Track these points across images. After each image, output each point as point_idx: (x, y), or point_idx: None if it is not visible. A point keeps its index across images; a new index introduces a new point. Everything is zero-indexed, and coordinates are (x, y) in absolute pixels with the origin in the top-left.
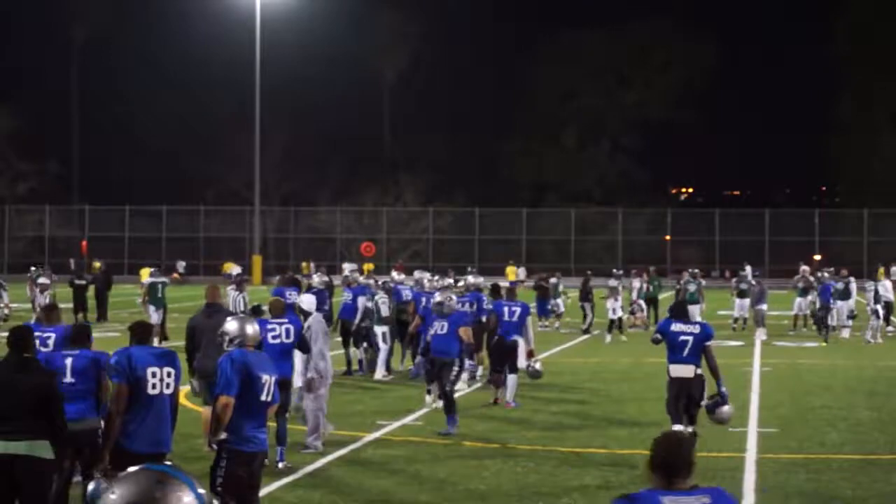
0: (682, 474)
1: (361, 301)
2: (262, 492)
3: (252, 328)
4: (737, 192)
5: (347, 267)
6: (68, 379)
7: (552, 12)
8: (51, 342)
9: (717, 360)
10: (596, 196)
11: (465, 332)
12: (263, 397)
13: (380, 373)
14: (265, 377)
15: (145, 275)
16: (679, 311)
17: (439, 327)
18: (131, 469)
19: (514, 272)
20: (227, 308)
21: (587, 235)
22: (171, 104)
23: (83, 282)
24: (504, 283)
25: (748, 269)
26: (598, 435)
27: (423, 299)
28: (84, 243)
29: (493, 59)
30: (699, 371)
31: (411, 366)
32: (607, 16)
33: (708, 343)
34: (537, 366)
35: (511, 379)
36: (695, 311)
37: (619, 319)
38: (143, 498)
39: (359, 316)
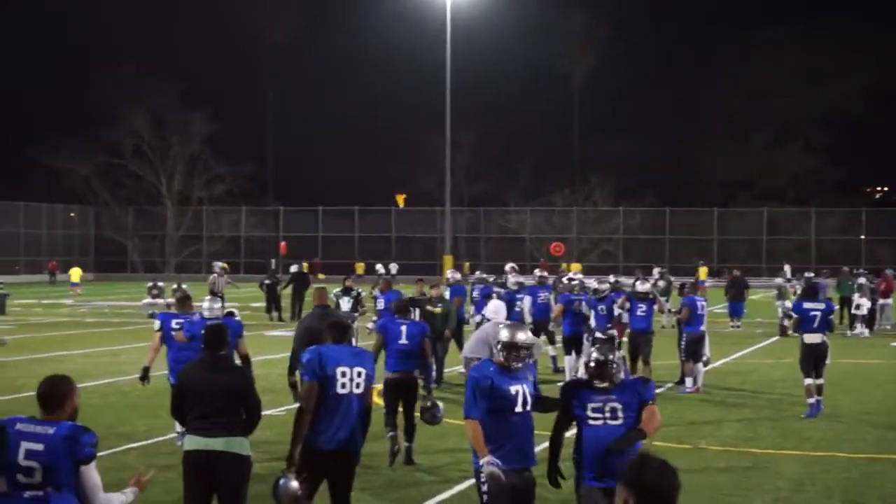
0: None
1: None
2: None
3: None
4: None
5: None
6: (403, 341)
7: (744, 9)
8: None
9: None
10: (788, 195)
11: None
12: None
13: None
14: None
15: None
16: (809, 293)
17: None
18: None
19: (705, 272)
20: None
21: (779, 235)
22: (364, 106)
23: (270, 281)
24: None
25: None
26: (791, 436)
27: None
28: (283, 244)
29: (683, 58)
30: (825, 338)
31: None
32: (801, 11)
33: (831, 316)
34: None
35: (699, 367)
36: None
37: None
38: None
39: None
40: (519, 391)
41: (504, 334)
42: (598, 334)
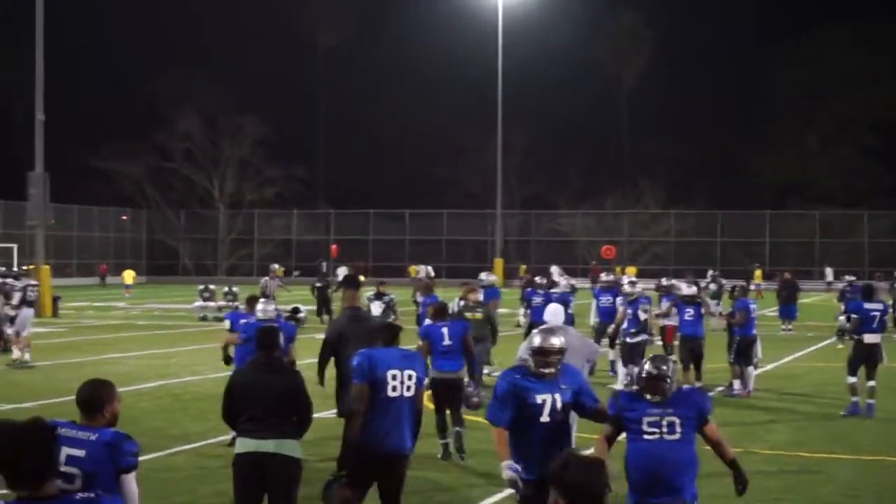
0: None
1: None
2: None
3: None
4: None
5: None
6: (446, 342)
7: (795, 11)
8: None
9: None
10: (841, 198)
11: None
12: None
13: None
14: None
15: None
16: (867, 293)
17: None
18: None
19: (759, 275)
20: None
21: (831, 238)
22: (414, 109)
23: (321, 284)
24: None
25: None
26: (842, 440)
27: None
28: (334, 247)
29: (735, 60)
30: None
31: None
32: (851, 14)
33: (885, 317)
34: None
35: (750, 370)
36: None
37: None
38: None
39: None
40: (546, 400)
41: (535, 339)
42: (626, 339)
